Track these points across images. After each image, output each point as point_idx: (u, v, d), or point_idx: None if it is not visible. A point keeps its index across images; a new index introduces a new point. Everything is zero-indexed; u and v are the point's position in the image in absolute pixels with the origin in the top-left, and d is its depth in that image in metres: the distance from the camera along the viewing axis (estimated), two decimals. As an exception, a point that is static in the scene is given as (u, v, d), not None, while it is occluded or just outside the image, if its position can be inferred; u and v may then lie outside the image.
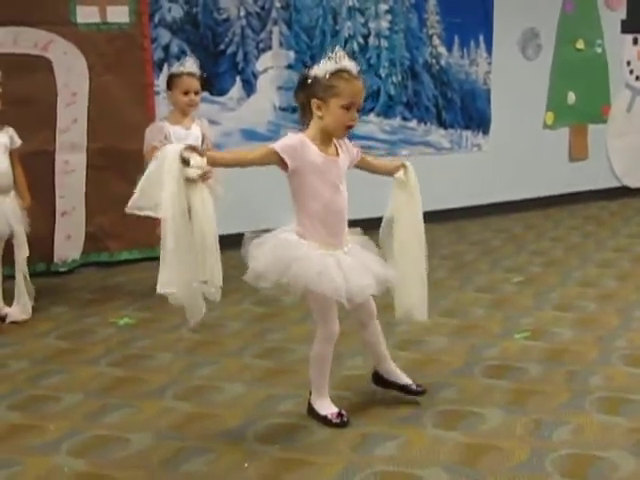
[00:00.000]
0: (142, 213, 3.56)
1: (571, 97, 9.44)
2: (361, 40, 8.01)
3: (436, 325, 5.00)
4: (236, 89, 7.41)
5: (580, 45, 9.42)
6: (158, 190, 3.34)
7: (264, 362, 4.55)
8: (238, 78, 7.40)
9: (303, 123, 3.64)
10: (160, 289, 3.41)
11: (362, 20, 8.00)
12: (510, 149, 8.91)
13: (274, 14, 7.50)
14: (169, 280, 3.39)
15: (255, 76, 7.48)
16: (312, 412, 3.77)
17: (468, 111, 8.78)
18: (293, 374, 4.21)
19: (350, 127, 3.57)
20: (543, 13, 9.06)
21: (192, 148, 3.39)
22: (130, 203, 3.53)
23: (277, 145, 3.49)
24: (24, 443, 3.59)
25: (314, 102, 3.52)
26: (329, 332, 3.66)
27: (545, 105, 9.32)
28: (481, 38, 8.72)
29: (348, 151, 3.72)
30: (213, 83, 7.17)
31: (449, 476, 3.21)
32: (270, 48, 7.53)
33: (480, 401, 3.92)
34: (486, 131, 8.90)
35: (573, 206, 9.34)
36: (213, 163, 3.49)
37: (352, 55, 4.25)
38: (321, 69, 3.51)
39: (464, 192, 8.63)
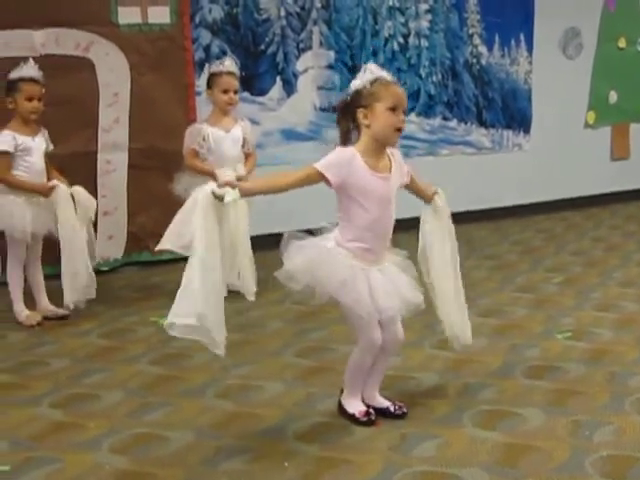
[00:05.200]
0: (176, 249, 3.45)
1: (612, 96, 9.39)
2: (401, 40, 8.01)
3: (476, 325, 4.94)
4: (276, 89, 7.43)
5: (622, 43, 9.37)
6: (188, 230, 3.28)
7: (304, 361, 4.56)
8: (278, 78, 7.42)
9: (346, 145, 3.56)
10: (174, 319, 3.28)
11: (402, 20, 8.00)
12: (551, 149, 8.88)
13: (314, 14, 7.52)
14: (186, 312, 3.26)
15: (295, 76, 7.50)
16: (341, 410, 3.77)
17: (509, 110, 8.76)
18: (333, 373, 4.20)
19: (400, 130, 3.50)
20: (585, 12, 9.02)
21: (225, 183, 3.32)
22: (161, 241, 3.40)
23: (319, 164, 3.43)
24: (65, 440, 3.62)
25: (360, 112, 3.47)
26: (368, 341, 3.59)
27: (586, 104, 9.28)
28: (522, 37, 8.70)
29: (400, 169, 3.63)
30: (251, 82, 7.20)
31: (488, 476, 3.19)
32: (310, 48, 7.56)
33: (520, 401, 3.90)
34: (527, 131, 8.87)
35: (614, 206, 9.29)
36: (246, 194, 3.41)
37: (392, 55, 4.22)
38: (359, 82, 3.50)
39: (505, 192, 8.61)
